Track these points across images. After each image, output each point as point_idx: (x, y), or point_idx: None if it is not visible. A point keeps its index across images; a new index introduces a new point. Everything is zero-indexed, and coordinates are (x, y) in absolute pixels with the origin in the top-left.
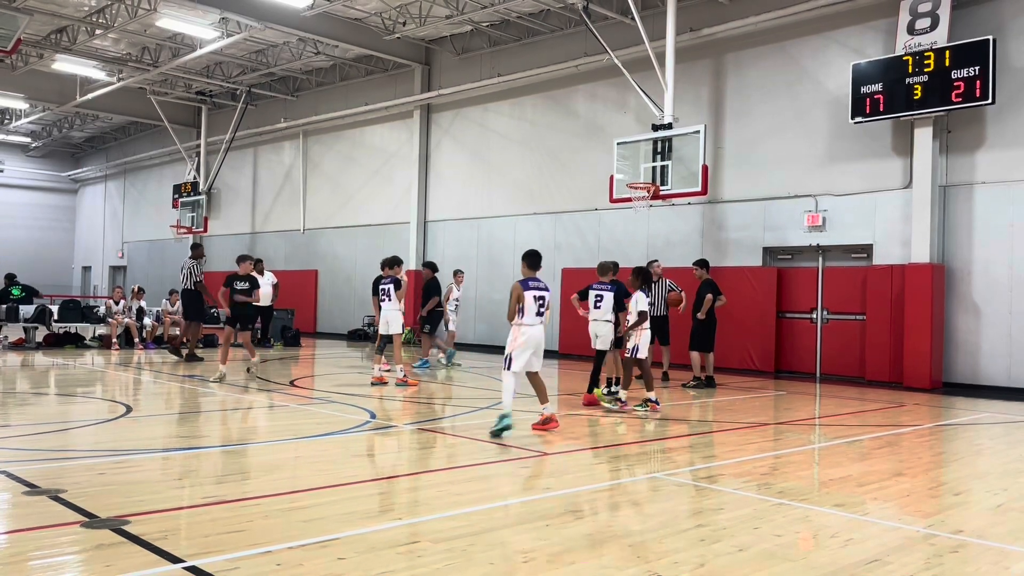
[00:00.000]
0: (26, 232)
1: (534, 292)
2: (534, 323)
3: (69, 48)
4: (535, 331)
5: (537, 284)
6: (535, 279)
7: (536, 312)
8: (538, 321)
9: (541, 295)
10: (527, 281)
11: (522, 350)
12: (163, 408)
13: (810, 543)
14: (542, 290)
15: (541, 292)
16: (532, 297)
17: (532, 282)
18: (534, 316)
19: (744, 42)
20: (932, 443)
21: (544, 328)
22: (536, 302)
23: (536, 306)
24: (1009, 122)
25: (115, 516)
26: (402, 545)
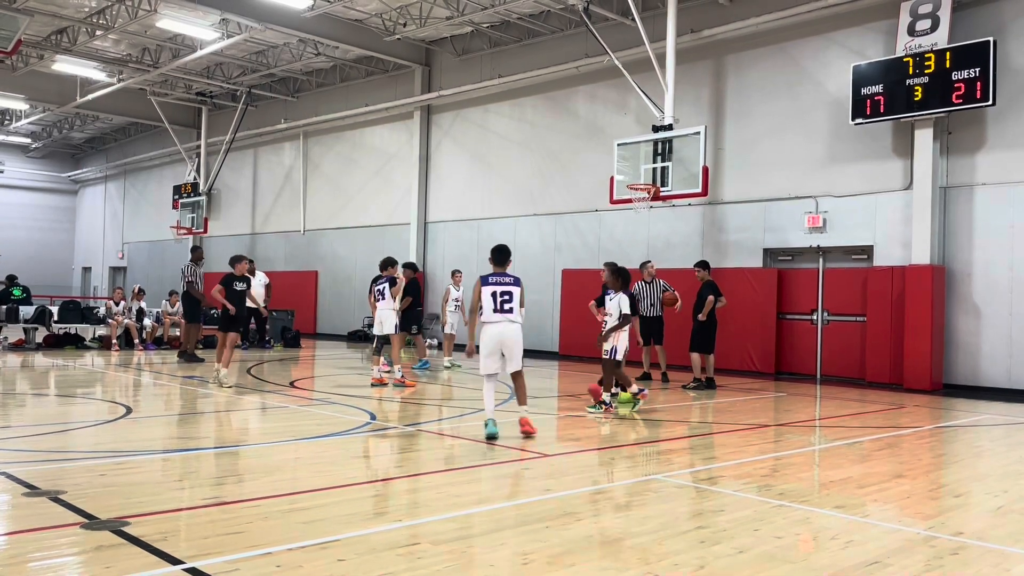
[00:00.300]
0: (26, 233)
1: (492, 288)
2: (494, 320)
3: (69, 49)
4: (496, 329)
5: (500, 280)
6: (500, 274)
7: (496, 308)
8: (502, 318)
9: (506, 291)
10: (488, 276)
11: (486, 351)
12: (163, 409)
13: (810, 545)
14: (506, 285)
15: (505, 287)
16: (489, 293)
17: (494, 277)
18: (492, 313)
19: (744, 43)
20: (932, 445)
21: (514, 324)
22: (495, 298)
23: (495, 302)
24: (1010, 123)
25: (115, 517)
26: (402, 547)
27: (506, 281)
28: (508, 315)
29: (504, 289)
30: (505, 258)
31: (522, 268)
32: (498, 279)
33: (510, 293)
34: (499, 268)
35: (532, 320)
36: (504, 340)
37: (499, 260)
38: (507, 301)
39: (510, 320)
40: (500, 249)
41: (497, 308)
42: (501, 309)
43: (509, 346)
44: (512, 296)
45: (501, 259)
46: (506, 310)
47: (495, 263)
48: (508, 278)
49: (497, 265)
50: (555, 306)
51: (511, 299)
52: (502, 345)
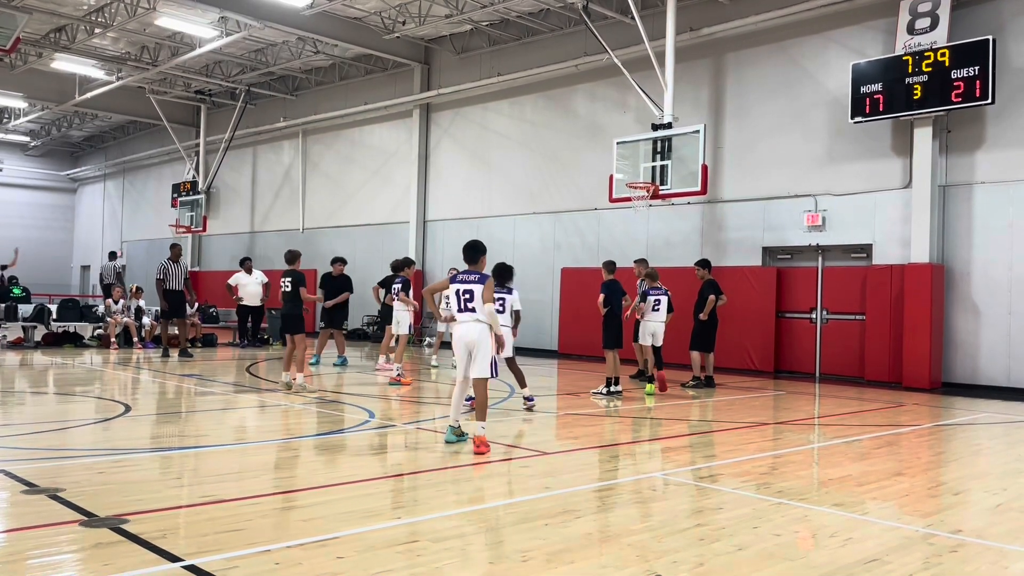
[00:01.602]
0: (24, 231)
1: (457, 286)
2: (459, 320)
3: (68, 47)
4: (461, 329)
5: (465, 278)
6: (467, 272)
7: (460, 307)
8: (467, 318)
9: (468, 289)
10: (457, 274)
11: (456, 352)
12: (162, 407)
13: (809, 542)
14: (469, 283)
15: (467, 286)
16: (454, 292)
17: (460, 275)
18: (457, 312)
19: (744, 42)
20: (931, 443)
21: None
22: (459, 297)
23: (459, 301)
24: (1009, 122)
25: (114, 515)
26: (401, 544)
27: (470, 279)
28: (472, 314)
29: (466, 288)
30: (476, 255)
31: (521, 267)
32: (463, 277)
33: (471, 292)
34: (471, 266)
35: (531, 319)
36: (467, 340)
37: (469, 258)
38: (469, 300)
39: (476, 319)
40: (471, 246)
41: (461, 307)
42: (464, 308)
43: (473, 346)
44: (473, 294)
45: (472, 256)
46: (469, 309)
47: (466, 261)
48: (473, 276)
49: (468, 263)
50: (554, 305)
51: (472, 298)
52: (466, 345)
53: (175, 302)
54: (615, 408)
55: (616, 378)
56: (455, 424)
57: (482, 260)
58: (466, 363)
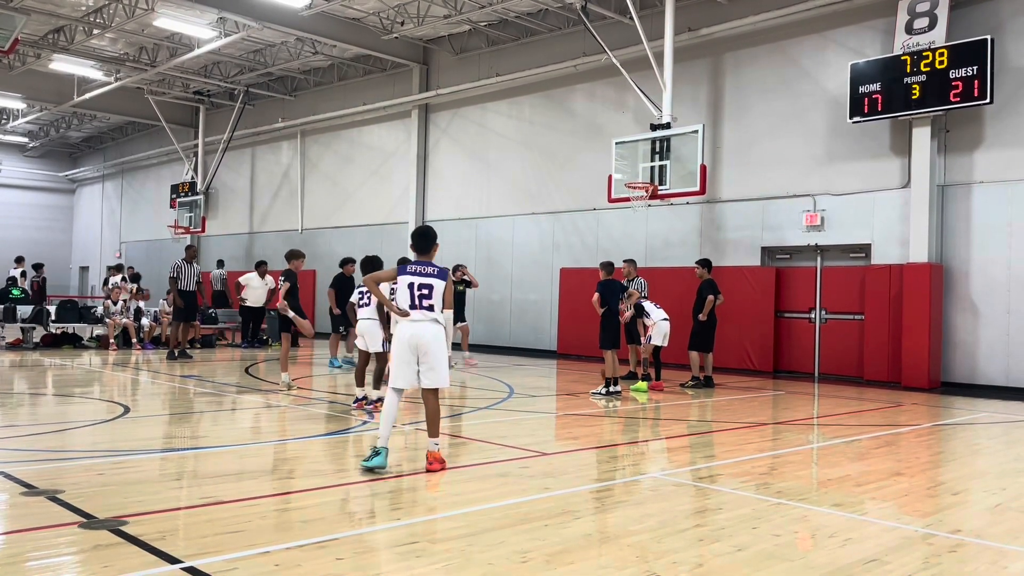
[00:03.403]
0: (23, 232)
1: (411, 278)
2: (414, 317)
3: (66, 48)
4: (411, 329)
5: (419, 268)
6: (422, 263)
7: (412, 303)
8: (420, 316)
9: (425, 283)
10: (407, 264)
11: (398, 357)
12: (161, 408)
13: (808, 543)
14: (427, 276)
15: (425, 279)
16: (406, 284)
17: (414, 266)
18: (407, 308)
19: (742, 42)
20: (930, 443)
21: (437, 325)
22: (413, 291)
23: (412, 295)
24: (1007, 122)
25: (113, 516)
26: (401, 545)
27: (428, 272)
28: (428, 312)
29: (424, 281)
30: (428, 244)
31: (520, 267)
32: (419, 268)
33: (430, 287)
34: (422, 256)
35: (530, 319)
36: (420, 343)
37: (421, 247)
38: (426, 296)
39: (433, 320)
40: (423, 233)
41: (414, 303)
42: (419, 305)
43: (426, 351)
44: (433, 291)
45: (424, 245)
46: (425, 307)
47: (417, 250)
48: (431, 268)
49: (419, 253)
50: (553, 305)
51: (431, 294)
52: (417, 349)
53: (188, 303)
54: (614, 408)
55: (615, 378)
56: (384, 445)
57: (435, 249)
58: (413, 373)
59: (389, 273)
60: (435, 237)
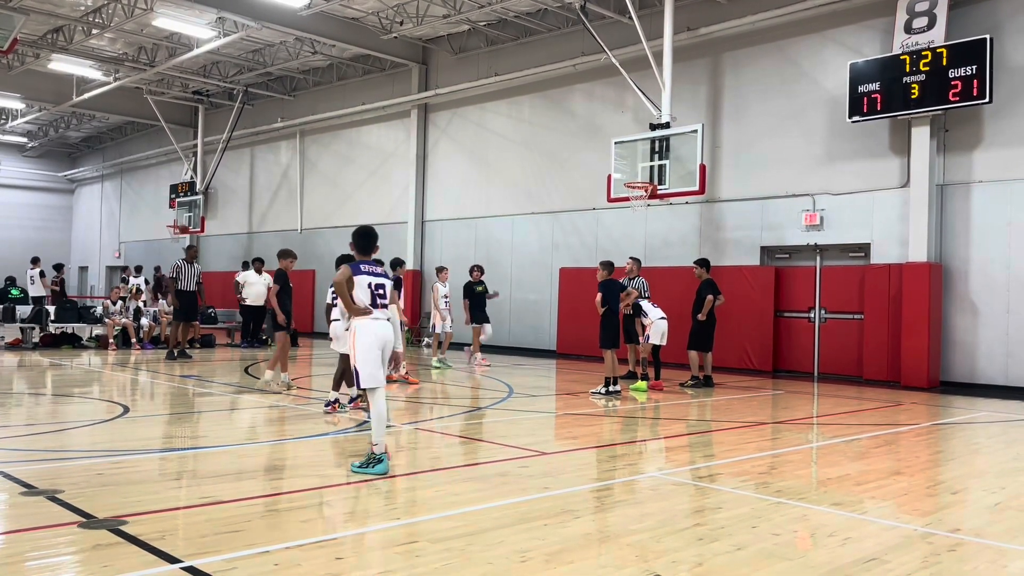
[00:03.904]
0: (22, 232)
1: (367, 278)
2: (375, 316)
3: (65, 48)
4: (378, 326)
5: (371, 268)
6: (368, 262)
7: (373, 302)
8: (381, 314)
9: (380, 283)
10: (358, 264)
11: (371, 355)
12: (160, 408)
13: (808, 542)
14: (379, 276)
15: (378, 279)
16: (365, 284)
17: (364, 265)
18: (368, 307)
19: (741, 41)
20: (930, 442)
21: (390, 323)
22: (372, 290)
23: (372, 295)
24: (1006, 121)
25: (112, 516)
26: (400, 545)
27: (380, 272)
28: (385, 311)
29: (379, 281)
30: (372, 244)
31: (520, 266)
32: (371, 268)
33: (384, 286)
34: (365, 256)
35: (530, 319)
36: (388, 340)
37: (365, 247)
38: (381, 296)
39: (387, 317)
40: (366, 233)
41: (375, 302)
42: (378, 304)
43: (389, 349)
44: (385, 290)
45: (367, 245)
46: (382, 305)
47: (359, 250)
48: (380, 268)
49: (362, 253)
50: (553, 305)
51: (385, 294)
52: (386, 344)
53: (187, 303)
54: (614, 408)
55: (615, 378)
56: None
57: (376, 249)
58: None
59: (347, 272)
60: (377, 237)
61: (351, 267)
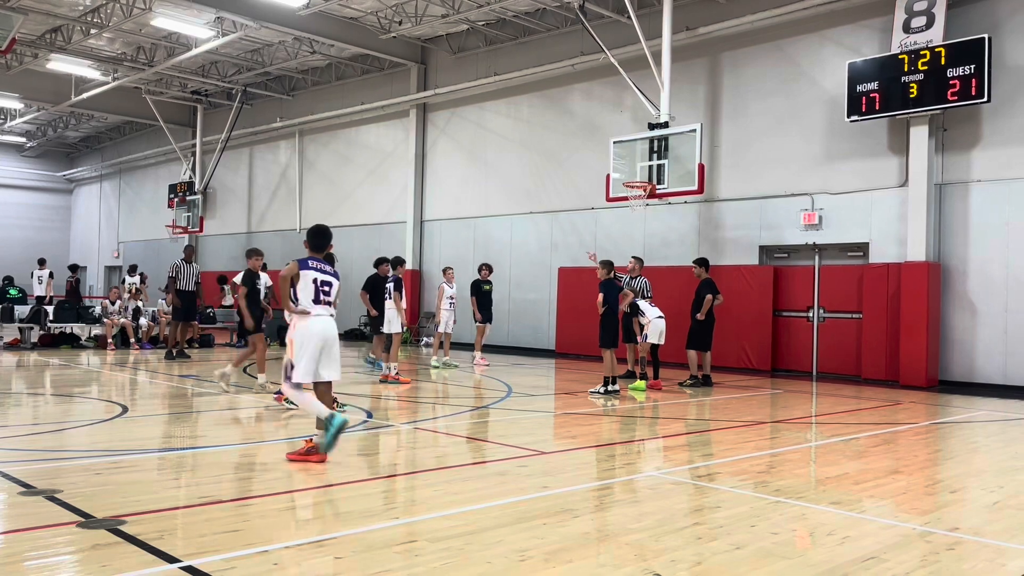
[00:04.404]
0: (20, 232)
1: (314, 273)
2: (317, 312)
3: (64, 48)
4: (323, 325)
5: (320, 265)
6: (320, 259)
7: (317, 299)
8: (324, 311)
9: (327, 280)
10: (307, 260)
11: (310, 352)
12: (159, 408)
13: (807, 541)
14: (327, 273)
15: (326, 276)
16: (311, 279)
17: (313, 261)
18: (313, 303)
19: (740, 41)
20: (928, 441)
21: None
22: (317, 286)
23: (317, 291)
24: (1005, 120)
25: (111, 516)
26: (399, 544)
27: (328, 270)
28: (329, 308)
29: (326, 278)
30: (325, 242)
31: (519, 266)
32: (320, 265)
33: (331, 284)
34: (317, 254)
35: (529, 318)
36: (328, 336)
37: (318, 245)
38: (327, 293)
39: (331, 315)
40: (320, 231)
41: (318, 298)
42: (322, 300)
43: (331, 345)
44: (332, 287)
45: (321, 243)
46: (326, 302)
47: (312, 248)
48: (329, 268)
49: (315, 250)
50: (552, 304)
51: (331, 291)
52: (326, 341)
53: (186, 303)
54: (612, 407)
55: (614, 377)
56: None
57: (329, 248)
58: (314, 363)
59: (294, 268)
60: (331, 236)
61: (299, 262)
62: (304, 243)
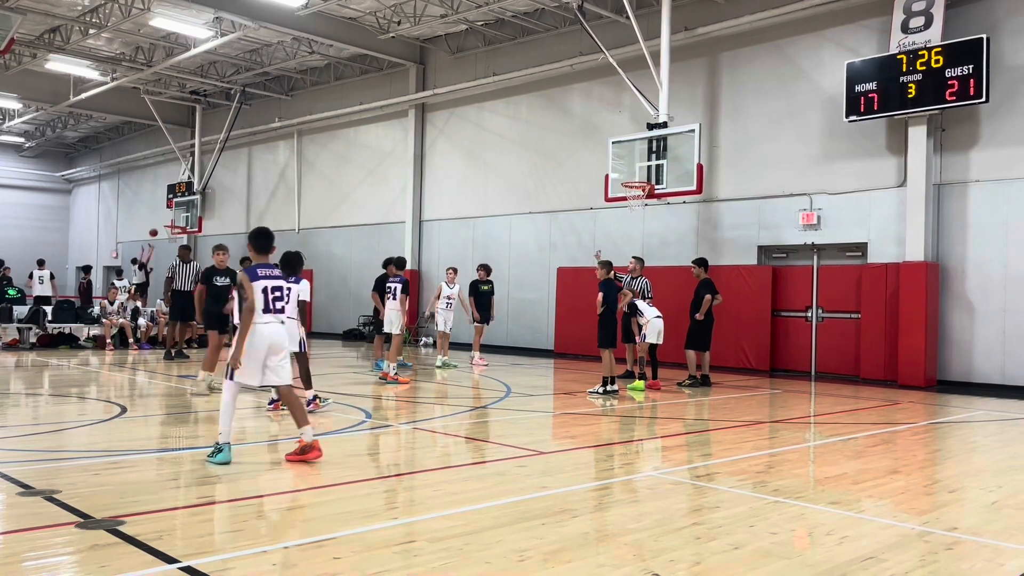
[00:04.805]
0: (19, 232)
1: (263, 283)
2: (265, 320)
3: (62, 48)
4: (270, 331)
5: (268, 272)
6: (266, 265)
7: (267, 307)
8: (274, 319)
9: (277, 286)
10: (255, 269)
11: (253, 356)
12: (158, 409)
13: (805, 541)
14: (276, 279)
15: (275, 282)
16: (260, 289)
17: (261, 269)
18: (262, 312)
19: (739, 41)
20: (927, 441)
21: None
22: (267, 295)
23: (267, 300)
24: (1003, 120)
25: (110, 516)
26: (398, 544)
27: (277, 275)
28: (280, 315)
29: (276, 284)
30: (266, 245)
31: (518, 266)
32: (268, 272)
33: (282, 289)
34: (263, 256)
35: (528, 318)
36: (275, 342)
37: (262, 246)
38: (279, 299)
39: (282, 320)
40: (263, 233)
41: (268, 307)
42: (273, 308)
43: (278, 350)
44: (284, 293)
45: (265, 245)
46: (278, 309)
47: (257, 251)
48: (276, 270)
49: (260, 253)
50: (550, 304)
51: (283, 296)
52: (271, 349)
53: (183, 303)
54: (611, 407)
55: (612, 377)
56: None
57: (273, 250)
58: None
59: (244, 277)
60: (274, 238)
61: (247, 273)
62: (248, 247)
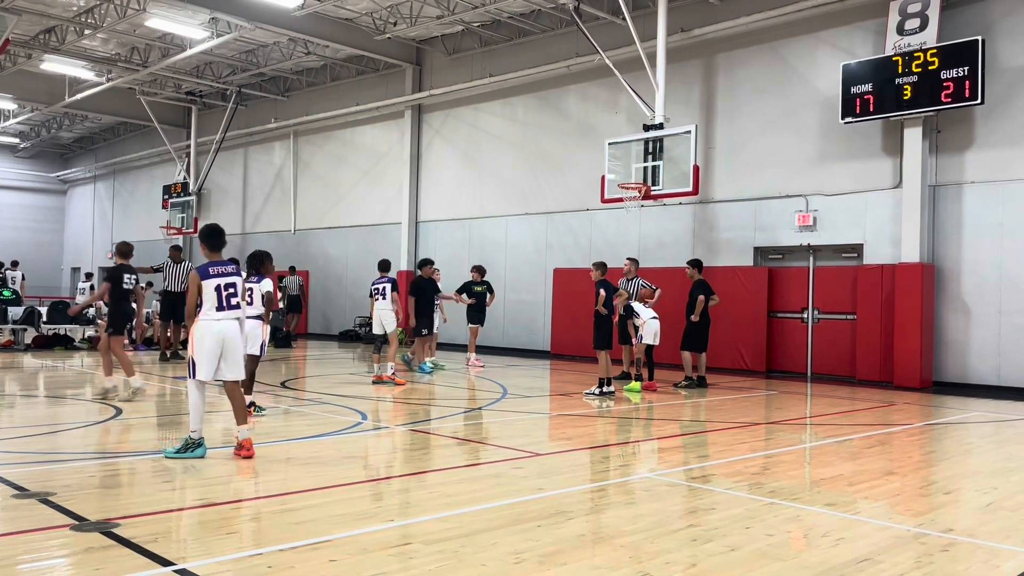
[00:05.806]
0: (14, 233)
1: (215, 280)
2: (217, 317)
3: (58, 48)
4: (221, 327)
5: (221, 269)
6: (218, 263)
7: (220, 305)
8: (228, 316)
9: (230, 283)
10: (207, 267)
11: (206, 353)
12: (153, 410)
13: (801, 542)
14: (229, 275)
15: (228, 279)
16: (212, 287)
17: (213, 267)
18: (215, 311)
19: (735, 42)
20: (922, 442)
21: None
22: (220, 293)
23: (220, 298)
24: (998, 122)
25: (105, 519)
26: (394, 546)
27: (229, 271)
28: (235, 311)
29: (228, 281)
30: (217, 242)
31: (514, 267)
32: (220, 269)
33: (234, 285)
34: (214, 255)
35: (524, 319)
36: (227, 338)
37: (214, 245)
38: (233, 295)
39: (236, 318)
40: (215, 231)
41: (222, 304)
42: (227, 305)
43: (231, 346)
44: (237, 289)
45: (217, 243)
46: (232, 305)
47: (209, 248)
48: (229, 267)
49: (211, 251)
50: (547, 305)
51: (236, 292)
52: (223, 345)
53: (174, 304)
54: (607, 409)
55: (609, 379)
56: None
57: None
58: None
59: (195, 280)
60: (224, 234)
61: (199, 271)
62: (201, 247)
